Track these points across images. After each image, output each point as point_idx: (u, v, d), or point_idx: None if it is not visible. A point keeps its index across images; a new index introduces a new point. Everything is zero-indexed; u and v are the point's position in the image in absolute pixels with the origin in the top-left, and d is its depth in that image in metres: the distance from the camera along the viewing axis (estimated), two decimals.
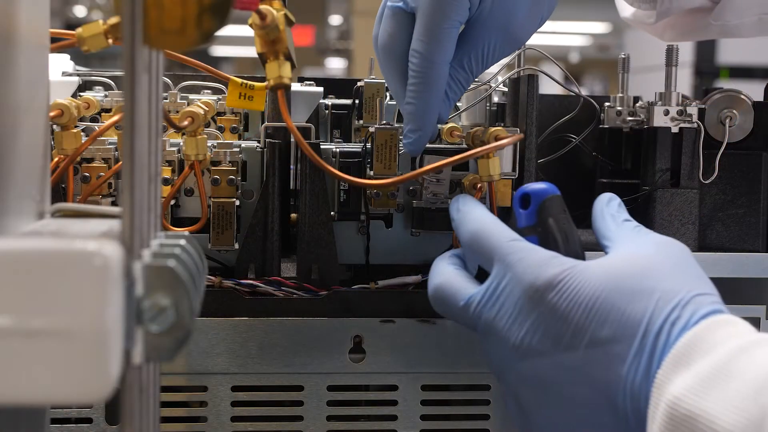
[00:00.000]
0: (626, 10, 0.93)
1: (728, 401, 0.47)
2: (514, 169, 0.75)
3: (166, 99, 0.82)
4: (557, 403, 0.58)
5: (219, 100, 0.84)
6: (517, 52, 0.80)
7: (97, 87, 0.88)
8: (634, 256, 0.59)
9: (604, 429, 0.56)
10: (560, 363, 0.57)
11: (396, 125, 0.74)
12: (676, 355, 0.51)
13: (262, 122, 0.80)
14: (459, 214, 0.66)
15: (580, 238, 0.64)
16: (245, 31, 0.62)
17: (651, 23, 0.89)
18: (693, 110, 0.79)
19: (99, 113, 0.82)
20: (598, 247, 0.64)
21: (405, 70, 0.71)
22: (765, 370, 0.48)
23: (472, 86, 0.84)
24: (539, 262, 0.59)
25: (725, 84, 3.77)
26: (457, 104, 0.84)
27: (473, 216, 0.65)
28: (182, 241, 0.46)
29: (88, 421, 0.69)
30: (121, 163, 0.71)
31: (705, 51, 4.11)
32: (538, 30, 0.74)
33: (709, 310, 0.54)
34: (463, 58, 0.71)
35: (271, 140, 0.73)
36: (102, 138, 0.71)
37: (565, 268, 0.58)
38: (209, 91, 0.88)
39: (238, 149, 0.73)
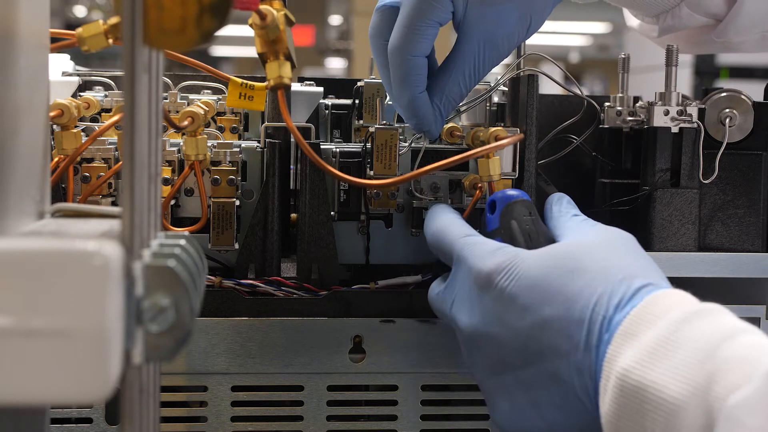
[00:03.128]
0: (633, 20, 0.94)
1: (675, 371, 0.49)
2: (514, 169, 0.75)
3: (166, 99, 0.82)
4: (513, 388, 0.60)
5: (219, 100, 0.84)
6: (523, 56, 0.79)
7: (97, 87, 0.88)
8: (575, 242, 0.62)
9: (559, 408, 0.58)
10: (510, 346, 0.59)
11: (396, 125, 0.74)
12: (624, 330, 0.53)
13: (262, 122, 0.80)
14: (426, 219, 0.70)
15: (549, 238, 0.65)
16: (245, 31, 0.62)
17: (654, 37, 0.90)
18: (693, 110, 0.79)
19: (99, 113, 0.82)
20: None
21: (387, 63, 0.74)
22: (708, 338, 0.49)
23: None
24: (486, 252, 0.62)
25: (725, 84, 3.76)
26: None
27: (435, 217, 0.69)
28: (182, 241, 0.46)
29: (88, 421, 0.69)
30: (121, 163, 0.71)
31: None
32: (539, 30, 0.74)
33: (644, 282, 0.56)
34: (458, 74, 0.72)
35: (271, 140, 0.73)
36: (102, 138, 0.71)
37: (509, 256, 0.60)
38: (209, 91, 0.88)
39: (238, 149, 0.73)
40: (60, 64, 0.88)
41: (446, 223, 0.67)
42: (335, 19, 6.33)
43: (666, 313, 0.52)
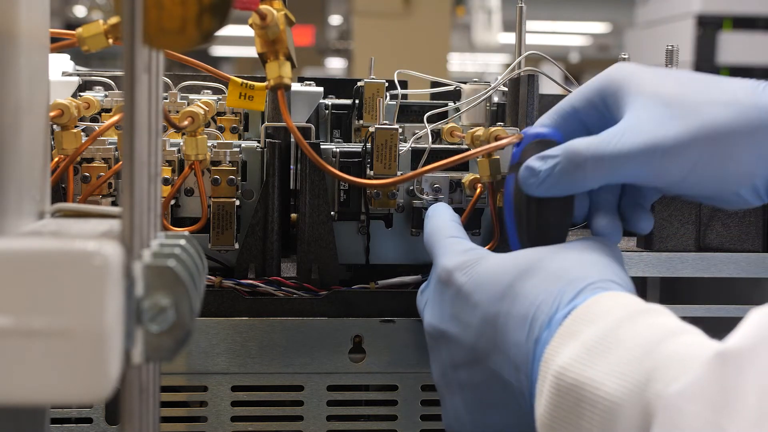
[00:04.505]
0: None
1: (613, 368, 0.48)
2: None
3: (166, 99, 0.82)
4: (461, 389, 0.60)
5: (219, 100, 0.84)
6: (523, 56, 0.79)
7: (97, 87, 0.88)
8: (541, 248, 0.61)
9: (501, 409, 0.58)
10: (460, 343, 0.59)
11: (396, 125, 0.74)
12: (564, 330, 0.52)
13: (262, 122, 0.80)
14: (426, 217, 0.70)
15: None
16: (245, 31, 0.62)
17: None
18: None
19: (99, 113, 0.82)
20: None
21: None
22: (648, 337, 0.48)
23: (472, 86, 0.84)
24: (455, 251, 0.62)
25: None
26: (458, 104, 0.84)
27: (431, 220, 0.69)
28: (182, 241, 0.46)
29: (88, 421, 0.69)
30: (121, 163, 0.71)
31: (705, 51, 4.11)
32: (538, 30, 0.74)
33: (591, 283, 0.55)
34: None
35: (271, 140, 0.73)
36: (102, 138, 0.71)
37: (474, 256, 0.61)
38: (209, 91, 0.88)
39: (238, 149, 0.73)
40: (60, 64, 0.88)
41: (439, 225, 0.68)
42: (335, 19, 6.33)
43: (607, 313, 0.51)
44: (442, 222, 0.68)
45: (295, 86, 0.84)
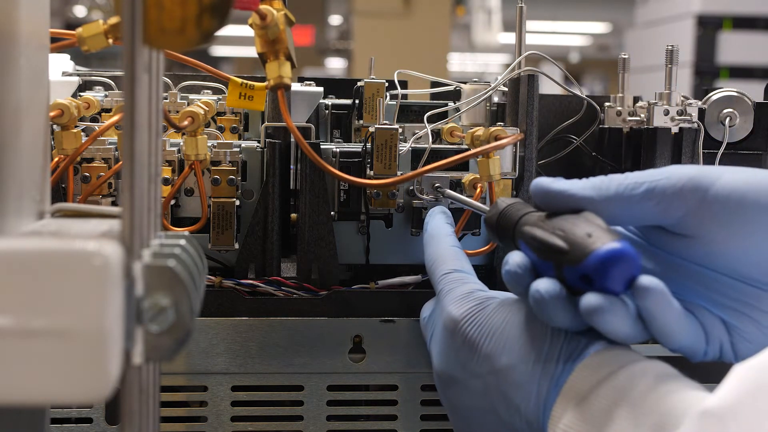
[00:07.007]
0: None
1: (615, 429, 0.49)
2: (514, 169, 0.75)
3: (166, 99, 0.82)
4: (470, 428, 0.61)
5: (219, 100, 0.84)
6: (523, 56, 0.79)
7: (97, 87, 0.88)
8: None
9: None
10: (470, 389, 0.60)
11: (396, 125, 0.74)
12: (567, 388, 0.53)
13: (262, 122, 0.80)
14: (425, 236, 0.69)
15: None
16: (245, 31, 0.62)
17: None
18: (693, 110, 0.79)
19: (99, 113, 0.82)
20: None
21: None
22: (652, 401, 0.50)
23: (472, 86, 0.84)
24: (457, 297, 0.62)
25: (725, 84, 3.76)
26: (458, 104, 0.84)
27: (431, 243, 0.68)
28: (182, 241, 0.46)
29: (88, 421, 0.69)
30: (121, 163, 0.71)
31: (705, 51, 4.11)
32: (538, 30, 0.74)
33: (595, 342, 0.55)
34: None
35: (271, 140, 0.73)
36: (102, 138, 0.71)
37: (476, 303, 0.61)
38: (209, 91, 0.88)
39: (238, 149, 0.73)
40: (60, 64, 0.88)
41: (437, 253, 0.67)
42: (335, 19, 6.33)
43: (609, 374, 0.52)
44: (442, 249, 0.67)
45: (295, 86, 0.84)
